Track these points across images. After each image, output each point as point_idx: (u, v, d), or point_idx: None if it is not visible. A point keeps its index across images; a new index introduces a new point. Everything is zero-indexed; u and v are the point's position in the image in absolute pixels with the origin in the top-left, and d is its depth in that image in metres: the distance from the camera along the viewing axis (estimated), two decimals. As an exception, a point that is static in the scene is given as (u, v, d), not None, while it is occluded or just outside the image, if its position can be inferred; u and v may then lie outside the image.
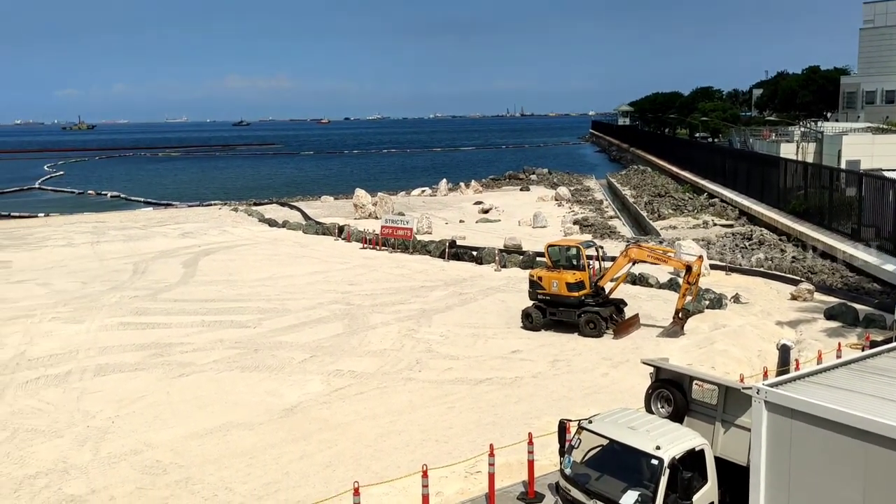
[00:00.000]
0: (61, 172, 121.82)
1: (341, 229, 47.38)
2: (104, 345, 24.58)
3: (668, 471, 10.52)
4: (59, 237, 49.04)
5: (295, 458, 16.25)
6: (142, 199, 78.40)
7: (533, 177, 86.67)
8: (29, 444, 17.11)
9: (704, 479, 11.01)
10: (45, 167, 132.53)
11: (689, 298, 24.91)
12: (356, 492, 12.56)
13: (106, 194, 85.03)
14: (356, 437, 17.30)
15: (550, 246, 26.84)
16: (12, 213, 65.79)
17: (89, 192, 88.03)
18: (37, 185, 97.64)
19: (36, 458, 16.40)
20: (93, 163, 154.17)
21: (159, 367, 22.37)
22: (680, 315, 24.78)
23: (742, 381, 15.26)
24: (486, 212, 56.79)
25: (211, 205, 69.26)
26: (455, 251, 39.59)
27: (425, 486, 13.17)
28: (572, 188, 70.82)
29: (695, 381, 12.42)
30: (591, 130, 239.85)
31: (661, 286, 31.35)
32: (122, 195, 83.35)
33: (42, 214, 64.59)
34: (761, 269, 34.22)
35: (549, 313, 25.59)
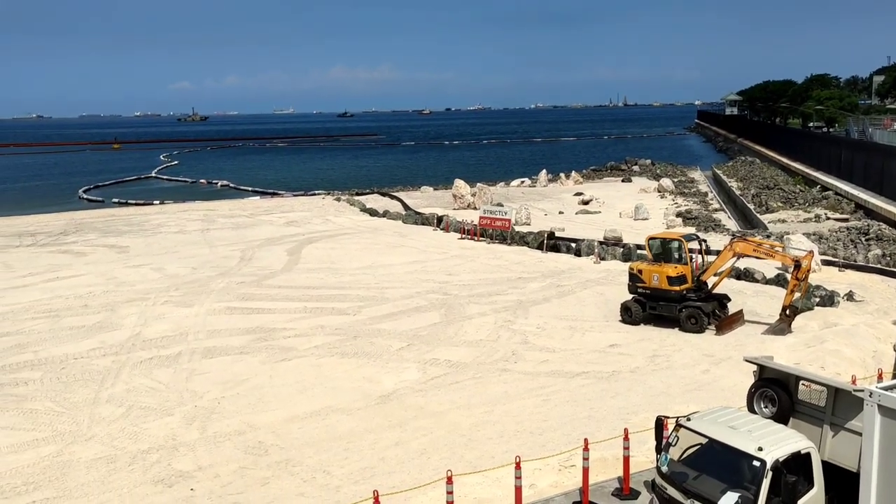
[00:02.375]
0: (176, 162, 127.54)
1: (440, 220, 47.71)
2: (212, 328, 25.62)
3: (770, 473, 10.13)
4: (172, 224, 51.40)
5: (391, 445, 16.52)
6: (250, 188, 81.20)
7: (635, 168, 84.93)
8: (142, 421, 18.03)
9: (810, 484, 10.55)
10: (161, 157, 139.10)
11: (797, 295, 23.86)
12: (449, 480, 12.65)
13: (216, 183, 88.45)
14: (451, 425, 17.43)
15: (651, 238, 26.25)
16: (129, 201, 69.47)
17: (201, 181, 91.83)
18: (153, 174, 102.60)
19: (148, 435, 17.27)
20: (205, 153, 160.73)
21: (263, 351, 23.15)
22: (787, 312, 23.79)
23: (854, 382, 14.54)
24: (586, 203, 56.03)
25: (315, 194, 71.05)
26: (553, 243, 39.25)
27: (518, 477, 13.13)
28: (676, 180, 69.01)
29: (801, 381, 11.91)
30: (696, 121, 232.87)
31: (767, 282, 30.17)
32: (231, 184, 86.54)
33: (157, 202, 67.88)
34: (878, 266, 32.43)
35: (648, 307, 25.06)
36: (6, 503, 14.35)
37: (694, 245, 25.79)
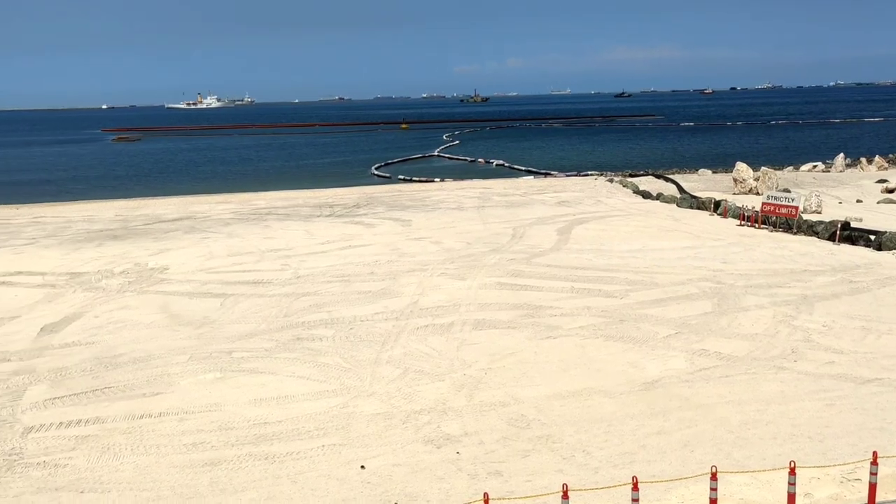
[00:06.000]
0: (457, 142, 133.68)
1: (717, 204, 45.42)
2: (482, 302, 26.67)
3: None
4: (451, 201, 54.12)
5: (652, 433, 16.16)
6: (523, 168, 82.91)
7: (956, 152, 74.29)
8: (416, 383, 19.32)
9: None
10: (444, 136, 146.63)
11: None
12: (714, 476, 12.12)
13: (493, 162, 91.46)
14: (718, 420, 16.64)
15: (972, 234, 22.85)
16: (413, 178, 74.20)
17: (479, 160, 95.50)
18: (436, 153, 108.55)
19: (421, 397, 18.48)
20: (484, 133, 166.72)
21: (529, 327, 23.68)
22: None
23: None
24: (890, 191, 50.13)
25: (587, 175, 70.93)
26: (848, 234, 35.63)
27: (792, 483, 12.24)
28: None
29: None
30: None
31: None
32: (506, 164, 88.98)
33: (438, 180, 71.81)
34: None
35: (963, 312, 21.92)
36: (301, 444, 16.18)
37: None
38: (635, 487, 11.76)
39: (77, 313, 26.78)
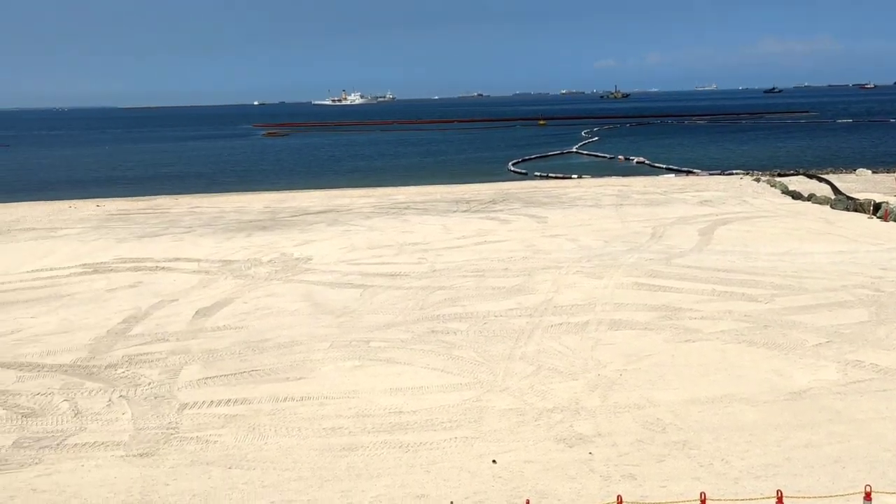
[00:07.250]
0: (596, 138, 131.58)
1: (877, 207, 42.48)
2: (619, 301, 26.18)
3: None
4: (588, 198, 53.39)
5: (799, 445, 15.35)
6: (664, 166, 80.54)
7: None
8: (549, 381, 19.23)
9: None
10: (583, 133, 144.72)
11: None
12: (868, 496, 11.42)
13: (633, 160, 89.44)
14: (873, 436, 15.60)
15: None
16: (550, 175, 73.69)
17: (619, 157, 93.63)
18: (574, 150, 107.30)
19: (553, 395, 18.37)
20: (624, 129, 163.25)
21: (667, 329, 23.03)
22: None
23: None
24: None
25: (732, 174, 68.11)
26: None
27: (956, 510, 11.33)
28: None
29: None
30: None
31: None
32: (646, 161, 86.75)
33: (575, 176, 70.99)
34: None
35: None
36: (434, 434, 16.48)
37: None
38: (780, 501, 11.23)
39: (228, 299, 28.41)
